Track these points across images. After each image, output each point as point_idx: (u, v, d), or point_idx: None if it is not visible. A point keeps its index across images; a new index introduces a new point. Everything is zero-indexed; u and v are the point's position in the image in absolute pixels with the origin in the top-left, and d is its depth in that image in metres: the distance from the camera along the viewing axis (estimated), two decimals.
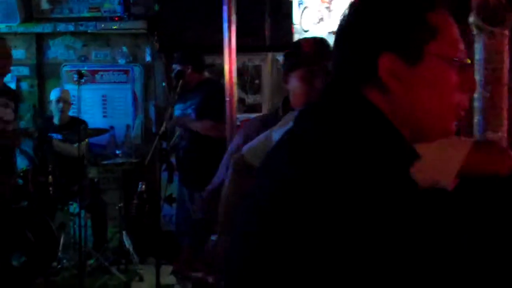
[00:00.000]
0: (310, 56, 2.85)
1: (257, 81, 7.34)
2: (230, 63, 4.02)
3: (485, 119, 4.29)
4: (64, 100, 6.77)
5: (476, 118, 4.39)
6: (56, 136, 6.68)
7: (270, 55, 7.29)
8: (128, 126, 7.67)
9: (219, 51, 4.15)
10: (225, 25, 4.08)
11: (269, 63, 7.34)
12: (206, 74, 5.89)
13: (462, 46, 1.23)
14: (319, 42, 2.96)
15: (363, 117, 1.15)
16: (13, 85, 7.57)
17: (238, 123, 4.32)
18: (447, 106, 1.21)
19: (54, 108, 6.79)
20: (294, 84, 2.89)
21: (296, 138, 1.21)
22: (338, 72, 1.25)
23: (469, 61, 1.27)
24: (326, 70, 2.79)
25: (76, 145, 6.28)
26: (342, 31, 1.25)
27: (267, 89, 7.35)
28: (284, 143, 1.25)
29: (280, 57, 7.33)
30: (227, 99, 4.02)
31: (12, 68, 7.62)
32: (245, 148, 2.71)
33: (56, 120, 6.80)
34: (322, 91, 1.28)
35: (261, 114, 3.07)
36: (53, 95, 6.86)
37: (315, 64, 2.82)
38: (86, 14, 7.67)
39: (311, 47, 2.88)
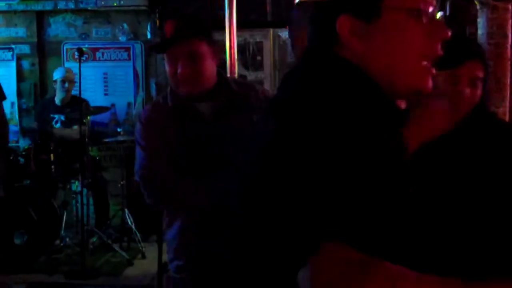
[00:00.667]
0: (172, 38, 2.60)
1: (258, 58, 7.30)
2: (231, 40, 3.99)
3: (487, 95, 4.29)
4: (69, 80, 6.74)
5: None
6: (58, 117, 6.68)
7: (271, 31, 7.25)
8: (129, 104, 7.66)
9: (220, 28, 4.12)
10: (226, 1, 4.04)
11: (271, 39, 7.30)
12: None
13: None
14: (182, 21, 2.64)
15: (339, 71, 1.21)
16: (13, 64, 7.57)
17: None
18: (414, 60, 1.22)
19: (59, 88, 6.75)
20: (166, 67, 2.69)
21: (281, 103, 1.25)
22: (312, 40, 1.31)
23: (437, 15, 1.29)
24: (193, 52, 2.59)
25: (75, 126, 6.26)
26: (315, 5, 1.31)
27: (268, 66, 7.32)
28: (270, 111, 1.28)
29: (282, 33, 7.29)
30: (228, 75, 3.99)
31: (12, 46, 7.66)
32: None
33: (58, 100, 6.78)
34: (300, 57, 1.33)
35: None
36: (57, 74, 6.81)
37: (177, 46, 2.60)
38: None
39: (172, 28, 2.61)
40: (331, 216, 1.03)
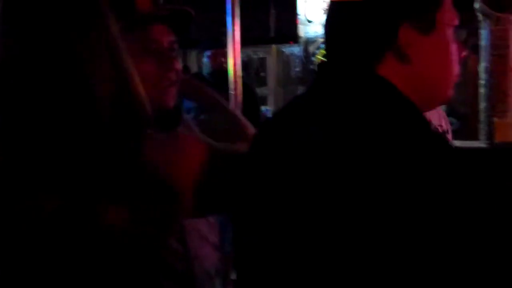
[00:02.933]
0: (149, 17, 1.66)
1: (262, 74, 7.32)
2: (234, 56, 3.98)
3: (491, 106, 4.31)
4: None
5: (482, 105, 4.40)
6: None
7: (275, 47, 7.26)
8: None
9: (223, 45, 4.13)
10: (229, 18, 4.04)
11: (274, 55, 7.31)
12: None
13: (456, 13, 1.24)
14: None
15: (381, 96, 1.15)
16: None
17: None
18: (452, 74, 1.22)
19: None
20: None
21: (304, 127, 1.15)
22: (343, 49, 1.21)
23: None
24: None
25: None
26: (350, 7, 1.21)
27: (272, 82, 7.33)
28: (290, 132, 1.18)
29: (285, 49, 7.31)
30: (232, 92, 3.99)
31: None
32: None
33: None
34: (318, 73, 1.23)
35: None
36: None
37: (166, 30, 1.69)
38: None
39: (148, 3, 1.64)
40: None
